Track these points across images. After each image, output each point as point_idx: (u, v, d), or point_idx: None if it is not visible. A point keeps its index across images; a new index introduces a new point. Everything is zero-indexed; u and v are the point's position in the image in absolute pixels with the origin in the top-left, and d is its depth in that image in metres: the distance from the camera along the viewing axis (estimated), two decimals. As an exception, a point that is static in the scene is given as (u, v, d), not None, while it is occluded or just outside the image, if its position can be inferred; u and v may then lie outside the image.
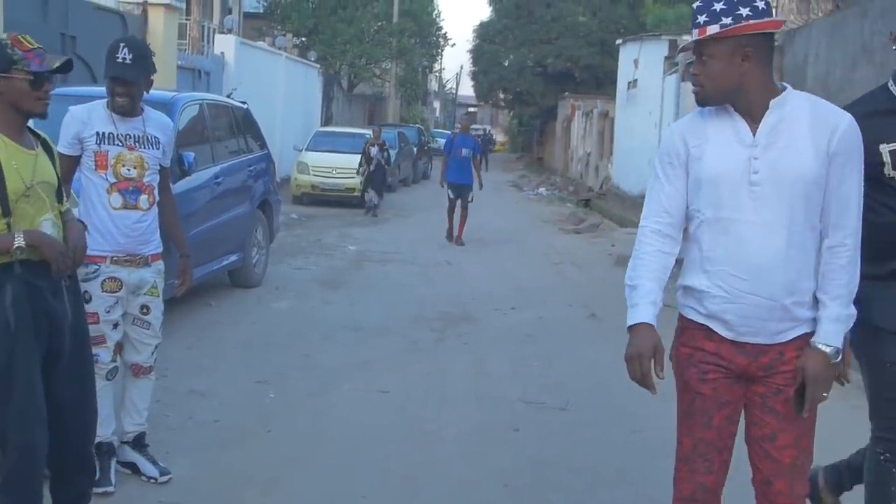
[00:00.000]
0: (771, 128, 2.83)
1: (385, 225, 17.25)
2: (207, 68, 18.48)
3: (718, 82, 2.83)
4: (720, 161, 2.87)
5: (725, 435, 2.99)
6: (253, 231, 9.65)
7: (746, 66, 2.80)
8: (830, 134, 2.79)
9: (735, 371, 2.95)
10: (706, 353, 2.98)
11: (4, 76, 3.26)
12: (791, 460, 2.94)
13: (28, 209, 3.30)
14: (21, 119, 3.36)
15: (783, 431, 2.93)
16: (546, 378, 6.86)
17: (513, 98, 45.11)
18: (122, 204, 4.36)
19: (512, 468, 4.99)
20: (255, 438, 5.25)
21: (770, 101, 2.84)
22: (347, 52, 31.26)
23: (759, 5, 2.78)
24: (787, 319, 2.86)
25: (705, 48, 2.84)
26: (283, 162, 19.66)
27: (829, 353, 2.83)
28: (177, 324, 7.40)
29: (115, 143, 4.36)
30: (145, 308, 4.49)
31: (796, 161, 2.79)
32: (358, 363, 7.01)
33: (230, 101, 10.33)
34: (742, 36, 2.78)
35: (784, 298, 2.83)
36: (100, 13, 13.14)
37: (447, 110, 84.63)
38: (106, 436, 4.39)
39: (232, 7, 29.29)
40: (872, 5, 8.74)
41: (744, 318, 2.87)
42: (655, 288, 2.99)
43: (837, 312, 2.83)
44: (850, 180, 2.82)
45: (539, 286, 11.05)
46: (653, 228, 3.04)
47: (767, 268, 2.81)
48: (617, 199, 23.08)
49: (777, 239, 2.81)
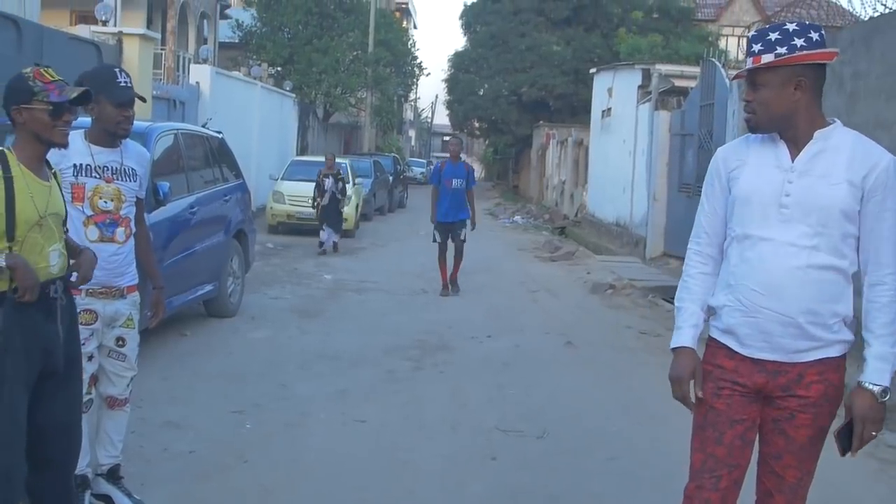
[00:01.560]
0: (811, 156, 2.92)
1: (361, 254, 17.24)
2: (183, 98, 18.46)
3: (771, 110, 2.92)
4: (755, 181, 2.97)
5: (737, 453, 3.02)
6: (228, 260, 9.62)
7: (798, 94, 2.91)
8: (869, 171, 2.86)
9: (752, 389, 3.01)
10: (725, 371, 3.05)
11: (26, 107, 3.40)
12: (794, 480, 3.05)
13: (39, 239, 3.40)
14: (42, 150, 3.50)
15: (789, 453, 3.02)
16: (523, 406, 6.86)
17: (488, 127, 45.26)
18: (99, 237, 4.31)
19: (490, 497, 4.97)
20: (231, 469, 5.21)
21: (815, 132, 2.94)
22: (323, 82, 31.34)
23: (813, 37, 2.88)
24: (803, 338, 2.92)
25: (759, 76, 2.93)
26: (258, 191, 19.64)
27: (875, 392, 2.86)
28: (152, 354, 7.35)
29: (93, 175, 4.32)
30: (121, 340, 4.45)
31: (829, 190, 2.87)
32: (335, 393, 6.98)
33: (205, 131, 10.31)
34: (796, 66, 2.88)
35: (799, 316, 2.90)
36: (75, 43, 13.10)
37: (422, 139, 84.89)
38: (81, 468, 4.31)
39: (207, 37, 29.36)
40: (841, 35, 8.89)
41: (759, 332, 2.95)
42: (697, 311, 3.11)
43: (881, 351, 2.87)
44: (888, 219, 2.87)
45: (515, 314, 11.06)
46: (695, 250, 3.18)
47: (785, 284, 2.89)
48: (592, 226, 23.20)
49: (797, 259, 2.89)
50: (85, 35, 14.03)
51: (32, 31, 11.85)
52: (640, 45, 27.87)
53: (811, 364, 2.94)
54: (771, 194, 2.93)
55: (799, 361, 2.94)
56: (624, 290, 13.06)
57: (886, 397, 2.86)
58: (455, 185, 12.25)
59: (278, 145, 25.68)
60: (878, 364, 2.87)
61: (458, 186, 12.29)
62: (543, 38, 38.01)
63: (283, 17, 31.37)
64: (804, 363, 2.94)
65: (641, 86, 19.00)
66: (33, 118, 3.41)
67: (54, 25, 14.68)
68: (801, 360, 2.94)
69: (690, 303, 3.11)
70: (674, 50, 27.31)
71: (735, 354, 3.02)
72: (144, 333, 7.45)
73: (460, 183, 12.29)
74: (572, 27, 37.88)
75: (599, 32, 37.06)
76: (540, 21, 38.53)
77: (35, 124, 3.42)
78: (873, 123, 7.81)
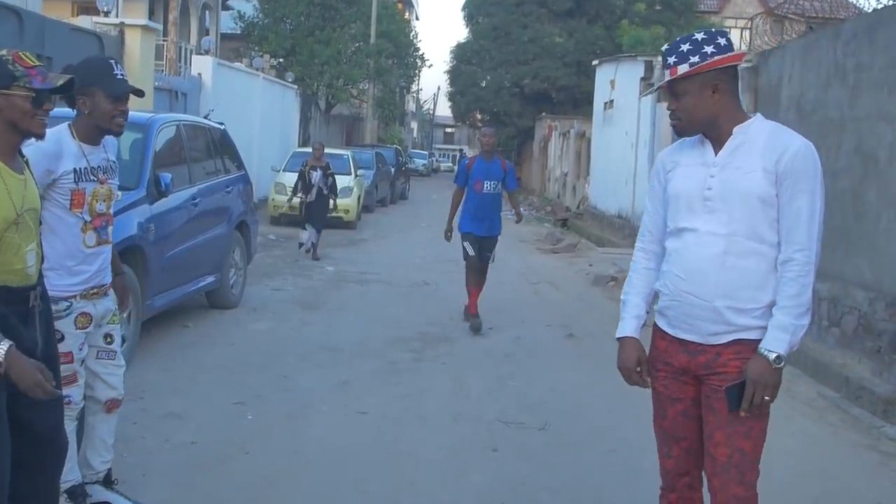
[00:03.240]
0: (731, 150, 3.12)
1: (363, 246, 17.25)
2: (184, 89, 18.44)
3: (694, 115, 3.13)
4: (684, 180, 3.21)
5: (680, 427, 3.27)
6: (230, 252, 9.61)
7: (717, 97, 3.10)
8: (780, 155, 3.03)
9: (678, 369, 3.23)
10: (659, 352, 3.30)
11: (5, 93, 3.09)
12: (724, 459, 3.09)
13: (15, 238, 3.13)
14: (17, 140, 3.20)
15: (718, 430, 3.11)
16: (524, 398, 6.86)
17: (490, 118, 45.15)
18: (97, 241, 4.10)
19: (491, 488, 4.98)
20: (232, 460, 5.21)
21: (735, 128, 3.12)
22: (325, 73, 31.27)
23: (721, 42, 3.08)
24: (719, 322, 3.10)
25: (678, 87, 3.13)
26: (260, 183, 19.60)
27: (770, 359, 3.01)
28: (153, 346, 7.36)
29: (90, 178, 4.06)
30: (109, 337, 4.28)
31: (744, 179, 3.06)
32: (336, 384, 6.99)
33: (207, 122, 10.30)
34: (710, 71, 3.07)
35: (715, 300, 3.08)
36: (77, 34, 13.08)
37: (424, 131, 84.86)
38: (77, 479, 4.21)
39: (209, 28, 29.30)
40: (844, 27, 8.87)
41: (681, 314, 3.17)
42: (640, 303, 3.37)
43: (782, 321, 3.02)
44: (799, 200, 3.02)
45: (517, 306, 11.06)
46: (639, 247, 3.43)
47: (703, 270, 3.10)
48: (594, 218, 23.19)
49: (716, 246, 3.08)
50: (87, 26, 14.00)
51: (34, 21, 11.84)
52: (642, 37, 27.81)
53: (727, 345, 3.10)
54: (696, 189, 3.15)
55: (716, 343, 3.11)
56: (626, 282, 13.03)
57: (780, 364, 3.01)
58: (487, 189, 9.46)
59: (280, 137, 25.67)
60: (777, 333, 3.01)
61: (491, 190, 9.50)
62: (546, 30, 37.97)
63: (285, 9, 31.28)
64: (720, 345, 3.11)
65: (644, 78, 18.97)
66: (11, 105, 3.10)
67: (56, 16, 14.65)
68: (717, 342, 3.11)
69: (634, 296, 3.38)
70: (676, 42, 27.25)
71: (666, 335, 3.25)
72: (146, 325, 7.49)
73: (494, 186, 9.51)
74: (575, 19, 37.84)
75: (602, 24, 37.03)
76: (542, 13, 38.49)
77: (13, 112, 3.11)
78: (876, 116, 7.80)
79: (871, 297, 7.57)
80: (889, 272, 7.43)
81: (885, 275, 7.49)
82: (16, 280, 3.16)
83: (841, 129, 8.44)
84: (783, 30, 15.56)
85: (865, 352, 7.55)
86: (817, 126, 8.92)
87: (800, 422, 6.57)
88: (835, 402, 7.16)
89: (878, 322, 7.41)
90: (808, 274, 3.03)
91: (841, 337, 8.02)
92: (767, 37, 14.45)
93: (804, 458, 5.74)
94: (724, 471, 3.09)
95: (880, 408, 6.70)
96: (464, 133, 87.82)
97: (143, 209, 7.19)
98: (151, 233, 7.27)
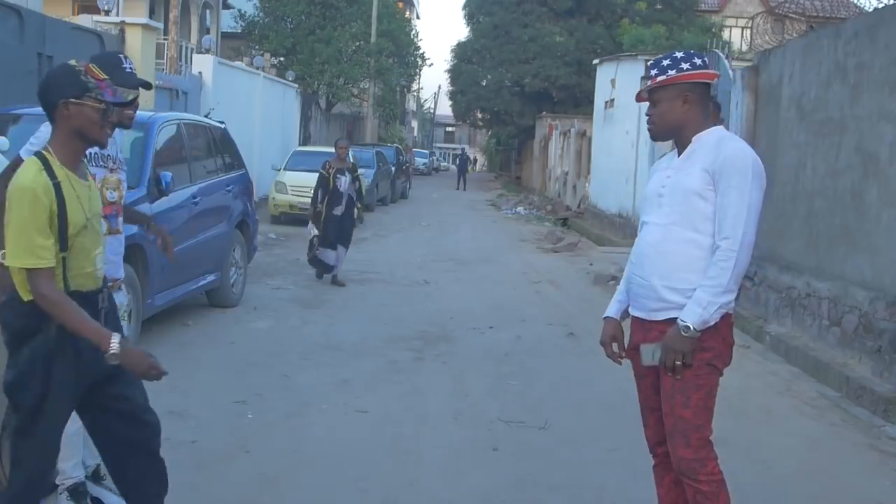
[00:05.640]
0: (686, 155, 3.58)
1: (363, 244, 17.22)
2: (185, 88, 18.44)
3: (665, 120, 3.59)
4: (652, 182, 3.73)
5: (651, 399, 3.68)
6: (231, 251, 9.62)
7: (686, 107, 3.55)
8: (716, 156, 3.46)
9: (636, 345, 3.65)
10: (629, 333, 3.76)
11: (77, 102, 3.20)
12: (671, 426, 3.51)
13: (85, 243, 3.27)
14: (83, 148, 3.33)
15: (665, 401, 3.54)
16: (525, 397, 6.86)
17: (490, 117, 45.19)
18: (108, 230, 4.12)
19: (491, 487, 4.98)
20: (233, 459, 5.22)
21: (694, 137, 3.56)
22: (325, 72, 31.26)
23: (696, 62, 3.54)
24: (657, 300, 3.54)
25: (655, 94, 3.59)
26: (261, 181, 19.61)
27: (679, 327, 3.41)
28: (154, 343, 7.36)
29: (101, 164, 4.16)
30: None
31: (687, 178, 3.51)
32: (337, 383, 6.99)
33: (208, 121, 10.31)
34: (683, 83, 3.53)
35: (654, 279, 3.54)
36: (77, 33, 13.08)
37: (425, 130, 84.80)
38: (80, 477, 4.23)
39: (210, 27, 29.31)
40: (845, 27, 8.86)
41: (634, 294, 3.68)
42: (623, 289, 3.83)
43: (698, 296, 3.41)
44: (729, 195, 3.42)
45: (517, 305, 11.06)
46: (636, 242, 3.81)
47: (647, 254, 3.60)
48: (595, 217, 23.18)
49: (657, 234, 3.57)
50: (87, 25, 14.01)
51: (35, 20, 11.84)
52: (643, 35, 27.80)
53: (667, 322, 3.49)
54: (655, 189, 3.65)
55: (656, 320, 3.55)
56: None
57: (688, 333, 3.39)
58: None
59: (281, 135, 25.67)
60: (692, 306, 3.41)
61: None
62: (546, 29, 37.91)
63: (286, 7, 31.30)
64: (661, 321, 3.52)
65: (644, 76, 18.94)
66: (82, 114, 3.21)
67: (57, 15, 14.66)
68: (657, 318, 3.55)
69: (622, 283, 3.85)
70: (677, 41, 27.26)
71: (632, 316, 3.73)
72: (147, 322, 7.49)
73: None
74: (575, 18, 37.78)
75: (602, 23, 36.96)
76: (543, 12, 38.43)
77: (83, 121, 3.21)
78: (877, 115, 7.79)
79: (871, 296, 7.56)
80: (890, 271, 7.42)
81: (885, 274, 7.48)
82: (88, 284, 3.31)
83: (842, 128, 8.43)
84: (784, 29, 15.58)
85: (866, 351, 7.55)
86: (818, 125, 8.91)
87: (800, 421, 6.57)
88: (835, 401, 7.16)
89: (878, 321, 7.40)
90: (730, 259, 3.39)
91: (841, 336, 8.01)
92: (768, 36, 14.46)
93: (805, 458, 5.74)
94: (671, 437, 3.51)
95: (881, 407, 6.70)
96: (464, 132, 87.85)
97: (143, 208, 7.18)
98: (152, 231, 7.26)
